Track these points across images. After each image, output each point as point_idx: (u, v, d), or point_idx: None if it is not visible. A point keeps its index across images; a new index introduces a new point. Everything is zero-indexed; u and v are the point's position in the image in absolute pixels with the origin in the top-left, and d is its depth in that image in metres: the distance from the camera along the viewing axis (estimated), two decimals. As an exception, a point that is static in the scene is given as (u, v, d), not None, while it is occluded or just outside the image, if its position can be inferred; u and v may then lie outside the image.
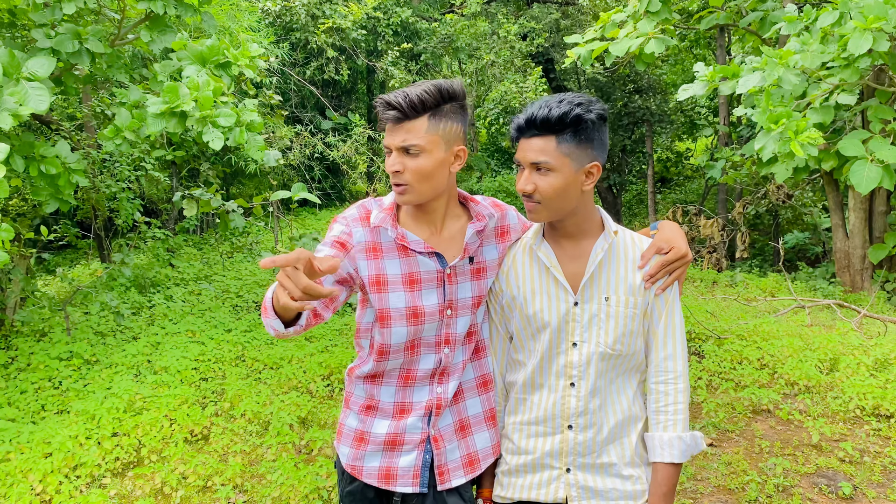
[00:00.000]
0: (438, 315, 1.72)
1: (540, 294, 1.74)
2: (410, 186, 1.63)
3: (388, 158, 1.65)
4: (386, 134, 1.64)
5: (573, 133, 1.61)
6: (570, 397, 1.72)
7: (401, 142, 1.60)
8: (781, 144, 4.97)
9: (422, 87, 1.60)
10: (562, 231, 1.75)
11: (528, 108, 1.66)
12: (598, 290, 1.72)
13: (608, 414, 1.72)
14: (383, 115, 1.62)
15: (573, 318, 1.71)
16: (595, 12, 12.68)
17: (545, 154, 1.62)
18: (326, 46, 10.57)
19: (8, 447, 3.74)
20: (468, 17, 12.44)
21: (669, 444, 1.69)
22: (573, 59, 6.58)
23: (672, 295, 1.74)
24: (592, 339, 1.71)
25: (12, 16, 4.11)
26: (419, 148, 1.60)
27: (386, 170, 1.63)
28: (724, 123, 10.73)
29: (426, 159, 1.61)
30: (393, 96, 1.60)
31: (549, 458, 1.74)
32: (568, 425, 1.72)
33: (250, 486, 3.51)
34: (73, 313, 5.71)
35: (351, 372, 1.84)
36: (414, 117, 1.60)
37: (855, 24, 4.83)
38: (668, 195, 15.48)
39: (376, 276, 1.69)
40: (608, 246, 1.72)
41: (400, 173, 1.62)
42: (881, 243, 7.32)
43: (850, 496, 3.35)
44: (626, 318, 1.71)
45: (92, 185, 6.11)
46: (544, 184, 1.63)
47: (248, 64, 4.27)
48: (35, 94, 3.46)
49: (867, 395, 4.24)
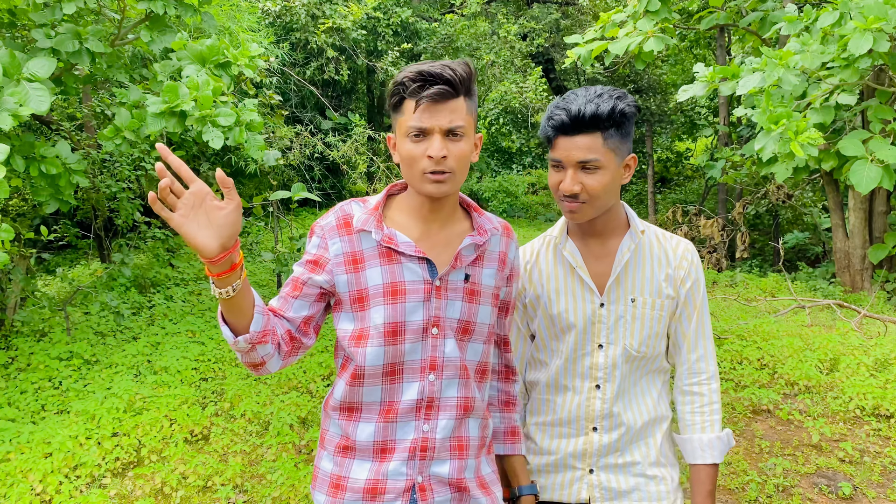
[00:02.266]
0: (422, 333, 1.49)
1: (565, 294, 1.71)
2: (453, 175, 1.43)
3: (417, 144, 1.42)
4: (420, 114, 1.40)
5: (617, 127, 1.56)
6: (595, 399, 1.69)
7: (448, 122, 1.40)
8: (782, 145, 4.96)
9: (459, 64, 1.43)
10: (590, 229, 1.70)
11: (564, 105, 1.57)
12: (624, 290, 1.68)
13: (633, 416, 1.70)
14: (423, 93, 1.39)
15: (599, 320, 1.68)
16: (595, 12, 12.68)
17: (594, 151, 1.55)
18: (326, 46, 10.57)
19: (8, 447, 3.74)
20: (468, 17, 12.44)
21: (710, 445, 1.68)
22: (573, 59, 6.58)
23: (701, 296, 1.72)
24: (619, 340, 1.67)
25: (12, 16, 4.11)
26: (463, 131, 1.43)
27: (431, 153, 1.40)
28: (724, 123, 10.73)
29: (467, 144, 1.45)
30: (438, 68, 1.40)
31: (573, 459, 1.71)
32: (593, 427, 1.70)
33: (250, 486, 3.51)
34: (73, 313, 5.71)
35: (326, 405, 1.60)
36: (459, 95, 1.42)
37: (855, 25, 4.83)
38: (668, 195, 15.48)
39: (357, 293, 1.49)
40: (635, 245, 1.68)
41: (445, 159, 1.41)
42: (881, 243, 7.31)
43: (849, 496, 3.35)
44: (652, 320, 1.68)
45: (92, 185, 6.11)
46: (593, 182, 1.57)
47: (247, 64, 4.27)
48: (35, 95, 3.46)
49: (867, 396, 4.24)
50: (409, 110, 1.42)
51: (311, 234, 1.55)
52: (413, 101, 1.41)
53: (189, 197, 1.25)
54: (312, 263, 1.51)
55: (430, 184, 1.43)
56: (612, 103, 1.54)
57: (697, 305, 1.71)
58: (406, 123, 1.42)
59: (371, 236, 1.50)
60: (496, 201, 14.30)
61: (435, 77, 1.40)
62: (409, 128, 1.42)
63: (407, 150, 1.43)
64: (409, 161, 1.44)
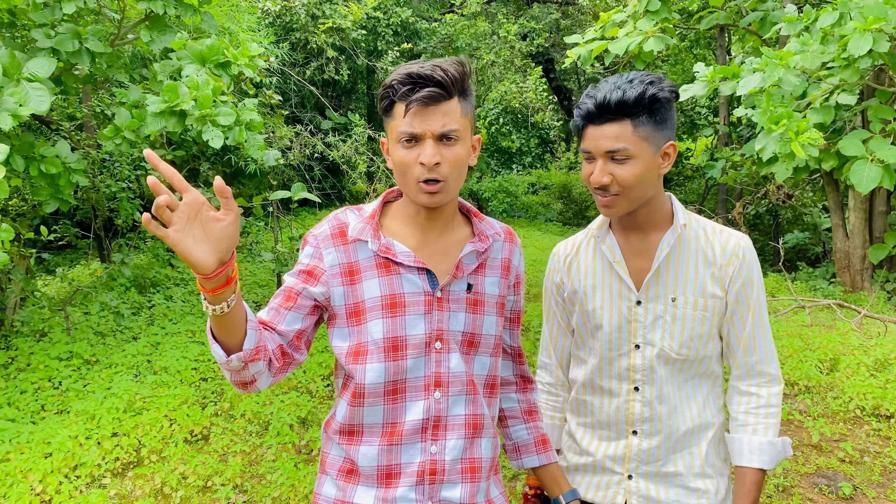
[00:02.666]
0: (424, 348, 1.41)
1: (601, 290, 1.64)
2: (447, 183, 1.35)
3: (408, 150, 1.34)
4: (410, 118, 1.32)
5: (649, 114, 1.47)
6: (634, 402, 1.62)
7: (440, 127, 1.32)
8: (782, 145, 4.97)
9: (450, 63, 1.34)
10: (630, 223, 1.61)
11: (593, 93, 1.51)
12: (663, 288, 1.59)
13: (677, 421, 1.61)
14: (413, 96, 1.31)
15: (636, 318, 1.60)
16: (595, 12, 12.68)
17: (622, 140, 1.47)
18: (326, 46, 10.58)
19: (8, 447, 3.74)
20: (468, 17, 12.44)
21: (760, 448, 1.57)
22: (573, 59, 6.59)
23: (756, 296, 1.59)
24: (657, 341, 1.59)
25: (12, 16, 4.11)
26: (457, 134, 1.34)
27: (422, 160, 1.32)
28: (724, 123, 10.73)
29: (462, 148, 1.36)
30: (428, 69, 1.31)
31: (611, 462, 1.66)
32: (633, 430, 1.63)
33: (250, 486, 3.51)
34: (73, 313, 5.71)
35: (327, 426, 1.51)
36: (452, 96, 1.34)
37: (855, 25, 4.83)
38: (668, 195, 15.48)
39: (354, 306, 1.41)
40: (675, 240, 1.58)
41: (439, 166, 1.33)
42: (881, 243, 7.31)
43: (850, 496, 3.35)
44: (695, 321, 1.57)
45: (92, 185, 6.11)
46: (624, 173, 1.48)
47: (247, 63, 4.27)
48: (35, 95, 3.46)
49: (867, 396, 4.24)
50: (400, 114, 1.34)
51: (305, 243, 1.47)
52: (403, 104, 1.33)
53: (184, 209, 1.15)
54: (307, 274, 1.42)
55: (423, 194, 1.35)
56: (642, 88, 1.46)
57: (752, 306, 1.58)
58: (397, 128, 1.35)
59: (367, 246, 1.41)
60: (496, 201, 14.30)
61: (425, 79, 1.31)
62: (399, 133, 1.34)
63: (399, 157, 1.36)
64: (401, 168, 1.36)
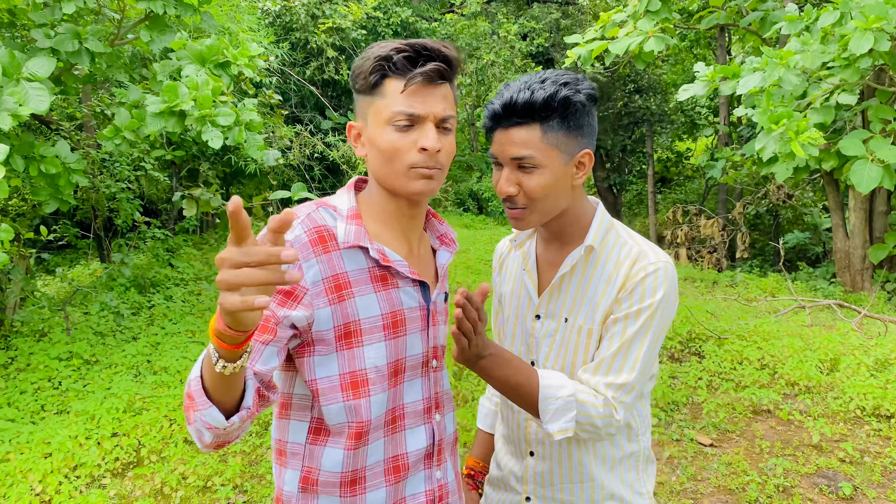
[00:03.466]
0: (421, 368, 1.28)
1: (514, 297, 1.53)
2: (442, 172, 1.22)
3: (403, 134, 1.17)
4: (409, 97, 1.16)
5: (561, 119, 1.31)
6: (530, 421, 1.50)
7: (443, 110, 1.19)
8: (782, 144, 4.96)
9: (449, 44, 1.21)
10: (547, 233, 1.47)
11: (503, 91, 1.33)
12: (560, 306, 1.43)
13: (569, 449, 1.46)
14: (417, 69, 1.15)
15: (532, 333, 1.48)
16: (595, 12, 12.68)
17: (529, 147, 1.31)
18: (326, 46, 10.58)
19: (8, 447, 3.74)
20: (468, 16, 12.44)
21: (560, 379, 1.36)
22: (573, 59, 6.58)
23: (643, 313, 1.34)
24: (543, 362, 1.45)
25: (12, 16, 4.11)
26: (453, 123, 1.23)
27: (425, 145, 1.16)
28: (725, 123, 10.73)
29: (453, 137, 1.24)
30: (434, 44, 1.18)
31: (514, 481, 1.57)
32: (530, 451, 1.53)
33: (250, 486, 3.51)
34: (72, 313, 5.70)
35: (307, 484, 1.22)
36: (453, 80, 1.22)
37: (856, 25, 4.82)
38: (669, 195, 15.49)
39: (345, 327, 1.18)
40: (580, 257, 1.41)
41: (439, 154, 1.19)
42: (881, 243, 7.31)
43: (850, 496, 3.35)
44: (579, 347, 1.41)
45: (92, 185, 6.10)
46: (531, 183, 1.32)
47: (247, 63, 4.27)
48: (35, 95, 3.46)
49: (867, 396, 4.23)
50: (395, 91, 1.16)
51: None
52: (401, 80, 1.16)
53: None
54: (284, 294, 1.14)
55: (419, 179, 1.18)
56: (553, 89, 1.29)
57: (634, 315, 1.34)
58: (390, 108, 1.16)
59: (362, 255, 1.21)
60: (496, 201, 14.29)
61: (431, 52, 1.16)
62: (394, 113, 1.16)
63: (389, 141, 1.17)
64: (391, 154, 1.17)
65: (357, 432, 1.20)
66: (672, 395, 4.41)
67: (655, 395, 4.36)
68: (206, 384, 1.02)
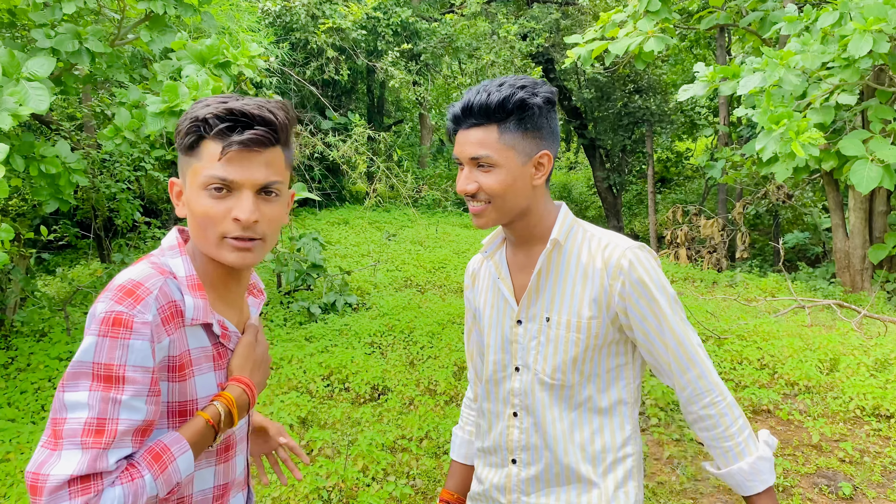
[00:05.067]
0: (245, 441, 1.33)
1: (490, 308, 1.55)
2: (263, 243, 1.18)
3: (217, 201, 1.11)
4: (226, 162, 1.11)
5: (517, 121, 1.36)
6: (513, 428, 1.51)
7: (264, 178, 1.13)
8: (782, 145, 4.97)
9: (277, 105, 1.17)
10: (512, 236, 1.50)
11: (465, 95, 1.40)
12: (540, 307, 1.46)
13: (555, 453, 1.46)
14: (234, 136, 1.10)
15: (515, 339, 1.49)
16: (595, 12, 12.68)
17: (485, 147, 1.36)
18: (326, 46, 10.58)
19: (8, 447, 3.74)
20: (468, 17, 12.45)
21: (755, 470, 1.40)
22: (573, 60, 6.59)
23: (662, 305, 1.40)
24: (531, 364, 1.47)
25: (12, 16, 4.11)
26: (279, 188, 1.17)
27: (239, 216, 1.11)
28: (724, 123, 10.73)
29: (281, 206, 1.20)
30: (254, 107, 1.13)
31: (496, 492, 1.55)
32: (512, 459, 1.52)
33: (250, 486, 3.51)
34: (72, 313, 5.71)
35: None
36: (278, 143, 1.18)
37: (855, 26, 4.83)
38: (668, 195, 15.49)
39: (179, 405, 1.13)
40: (551, 254, 1.45)
41: (257, 224, 1.13)
42: (881, 243, 7.32)
43: (850, 496, 3.35)
44: (568, 344, 1.42)
45: (92, 185, 6.11)
46: (489, 181, 1.37)
47: (247, 63, 4.27)
48: (35, 94, 3.46)
49: (867, 396, 4.24)
50: (211, 156, 1.09)
51: (128, 334, 1.02)
52: (218, 144, 1.09)
53: None
54: (155, 385, 1.06)
55: (233, 252, 1.11)
56: (509, 92, 1.34)
57: (661, 318, 1.39)
58: (203, 171, 1.09)
59: (204, 332, 1.15)
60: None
61: (250, 117, 1.10)
62: (208, 177, 1.09)
63: (203, 208, 1.09)
64: (204, 221, 1.10)
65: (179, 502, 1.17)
66: (672, 395, 4.41)
67: (655, 394, 4.36)
68: (196, 452, 1.11)
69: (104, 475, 0.98)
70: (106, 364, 1.00)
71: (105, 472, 0.98)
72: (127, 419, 1.01)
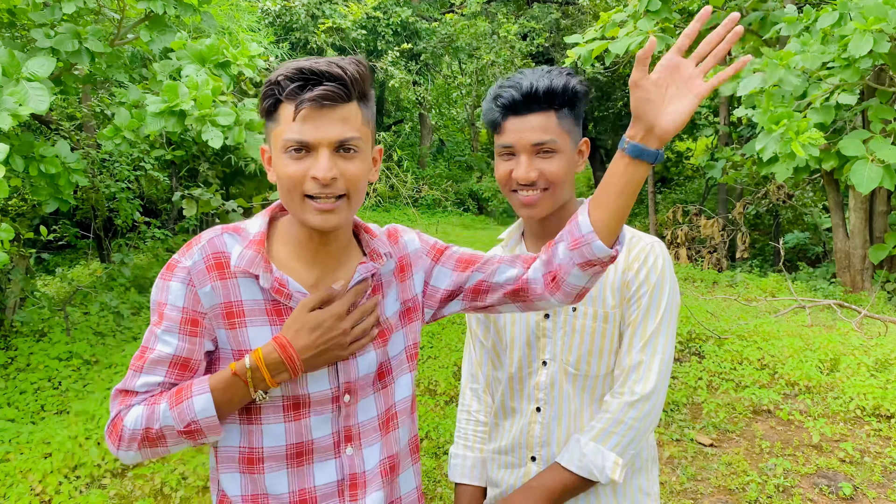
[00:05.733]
0: (332, 405, 1.22)
1: None
2: (347, 201, 1.16)
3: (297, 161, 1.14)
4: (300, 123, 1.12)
5: (570, 107, 1.40)
6: (535, 424, 1.49)
7: (338, 134, 1.13)
8: (782, 145, 4.97)
9: (349, 61, 1.15)
10: (541, 230, 1.49)
11: (513, 83, 1.39)
12: None
13: None
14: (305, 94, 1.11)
15: (544, 334, 1.48)
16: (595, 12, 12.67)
17: (549, 132, 1.37)
18: (326, 46, 10.58)
19: (8, 447, 3.74)
20: (468, 16, 12.44)
21: (580, 451, 1.39)
22: (573, 59, 6.58)
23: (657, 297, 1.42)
24: (557, 355, 1.47)
25: (12, 16, 4.11)
26: (358, 144, 1.15)
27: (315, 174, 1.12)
28: (725, 123, 10.73)
29: (363, 161, 1.18)
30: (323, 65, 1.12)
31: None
32: (531, 457, 1.50)
33: (250, 486, 3.51)
34: (72, 313, 5.70)
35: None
36: (352, 99, 1.15)
37: (855, 25, 4.82)
38: (669, 195, 15.49)
39: (236, 354, 1.17)
40: None
41: (335, 181, 1.13)
42: (881, 243, 7.31)
43: (850, 496, 3.35)
44: (594, 334, 1.44)
45: (91, 185, 6.10)
46: (551, 167, 1.37)
47: (247, 63, 4.27)
48: (35, 94, 3.45)
49: (868, 396, 4.23)
50: (287, 118, 1.12)
51: (170, 276, 1.16)
52: (291, 105, 1.11)
53: None
54: (191, 324, 1.15)
55: (316, 214, 1.13)
56: (566, 79, 1.38)
57: (649, 309, 1.41)
58: (282, 135, 1.12)
59: (255, 283, 1.17)
60: (496, 201, 14.28)
61: (319, 75, 1.10)
62: (286, 141, 1.11)
63: (285, 170, 1.12)
64: (287, 183, 1.13)
65: (248, 458, 1.20)
66: (672, 395, 4.41)
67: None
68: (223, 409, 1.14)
69: (135, 393, 1.15)
70: (156, 301, 1.18)
71: (135, 391, 1.15)
72: (158, 350, 1.15)
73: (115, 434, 1.16)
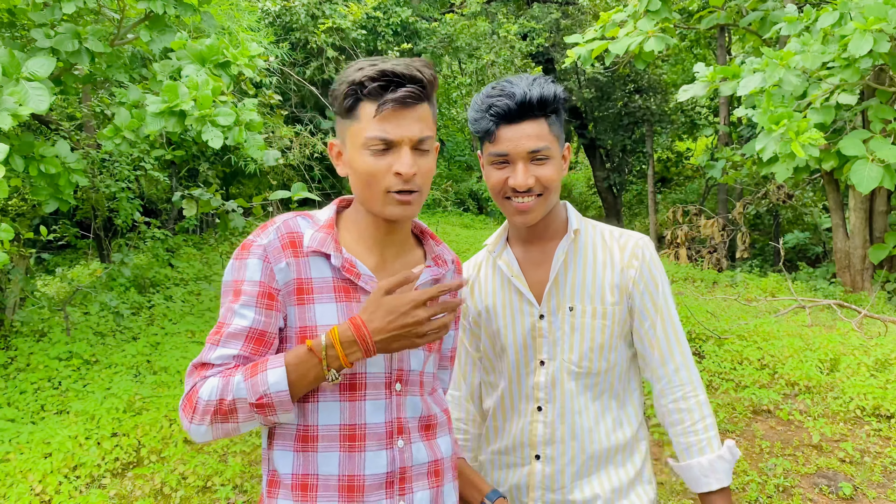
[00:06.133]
0: (385, 391, 1.25)
1: (503, 308, 1.54)
2: (420, 194, 1.24)
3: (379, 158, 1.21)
4: (382, 122, 1.19)
5: (556, 114, 1.44)
6: (537, 423, 1.51)
7: (418, 132, 1.21)
8: (782, 145, 4.97)
9: (422, 63, 1.23)
10: (529, 234, 1.53)
11: (505, 91, 1.41)
12: (563, 298, 1.49)
13: (582, 443, 1.49)
14: (389, 95, 1.17)
15: (540, 334, 1.50)
16: (595, 12, 12.67)
17: (543, 139, 1.41)
18: (326, 46, 10.57)
19: (8, 447, 3.74)
20: (468, 16, 12.44)
21: (712, 468, 1.44)
22: (573, 59, 6.58)
23: (662, 297, 1.50)
24: (557, 354, 1.49)
25: (12, 16, 4.11)
26: (431, 143, 1.25)
27: (400, 170, 1.19)
28: (725, 123, 10.73)
29: (433, 159, 1.28)
30: (404, 68, 1.19)
31: (517, 492, 1.54)
32: (535, 455, 1.51)
33: (250, 486, 3.50)
34: (72, 313, 5.70)
35: (272, 489, 1.26)
36: (427, 100, 1.23)
37: (855, 26, 4.82)
38: (669, 195, 15.50)
39: (300, 332, 1.22)
40: (570, 247, 1.50)
41: (415, 177, 1.21)
42: (881, 243, 7.31)
43: (850, 496, 3.35)
44: (595, 331, 1.48)
45: (91, 185, 6.10)
46: (546, 173, 1.41)
47: (247, 63, 4.27)
48: (35, 94, 3.45)
49: (867, 396, 4.23)
50: (368, 116, 1.19)
51: (246, 254, 1.22)
52: (374, 104, 1.18)
53: None
54: (267, 298, 1.21)
55: (396, 205, 1.20)
56: (553, 87, 1.42)
57: (659, 308, 1.49)
58: (364, 133, 1.19)
59: (325, 263, 1.24)
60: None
61: (401, 77, 1.17)
62: (368, 139, 1.18)
63: (366, 166, 1.19)
64: (368, 178, 1.20)
65: (303, 435, 1.23)
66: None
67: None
68: (295, 391, 1.17)
69: (211, 365, 1.19)
70: (231, 281, 1.23)
71: (211, 363, 1.19)
72: (235, 323, 1.20)
73: (189, 406, 1.18)
